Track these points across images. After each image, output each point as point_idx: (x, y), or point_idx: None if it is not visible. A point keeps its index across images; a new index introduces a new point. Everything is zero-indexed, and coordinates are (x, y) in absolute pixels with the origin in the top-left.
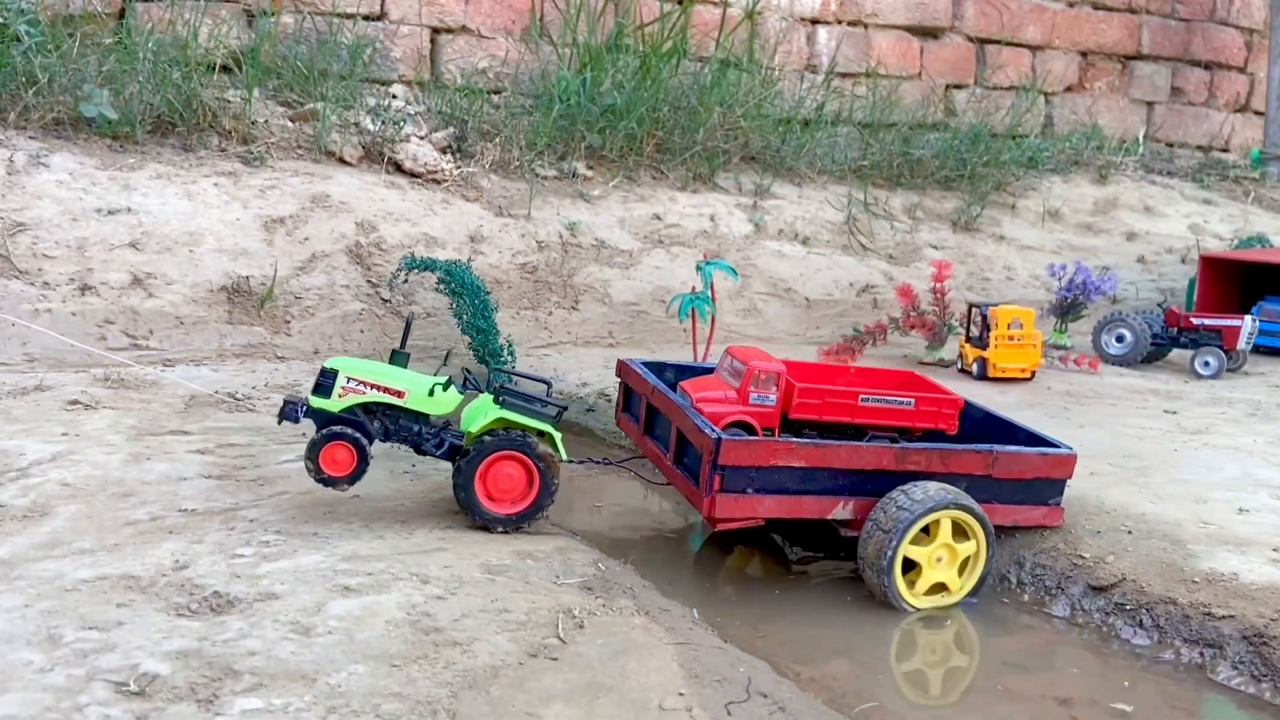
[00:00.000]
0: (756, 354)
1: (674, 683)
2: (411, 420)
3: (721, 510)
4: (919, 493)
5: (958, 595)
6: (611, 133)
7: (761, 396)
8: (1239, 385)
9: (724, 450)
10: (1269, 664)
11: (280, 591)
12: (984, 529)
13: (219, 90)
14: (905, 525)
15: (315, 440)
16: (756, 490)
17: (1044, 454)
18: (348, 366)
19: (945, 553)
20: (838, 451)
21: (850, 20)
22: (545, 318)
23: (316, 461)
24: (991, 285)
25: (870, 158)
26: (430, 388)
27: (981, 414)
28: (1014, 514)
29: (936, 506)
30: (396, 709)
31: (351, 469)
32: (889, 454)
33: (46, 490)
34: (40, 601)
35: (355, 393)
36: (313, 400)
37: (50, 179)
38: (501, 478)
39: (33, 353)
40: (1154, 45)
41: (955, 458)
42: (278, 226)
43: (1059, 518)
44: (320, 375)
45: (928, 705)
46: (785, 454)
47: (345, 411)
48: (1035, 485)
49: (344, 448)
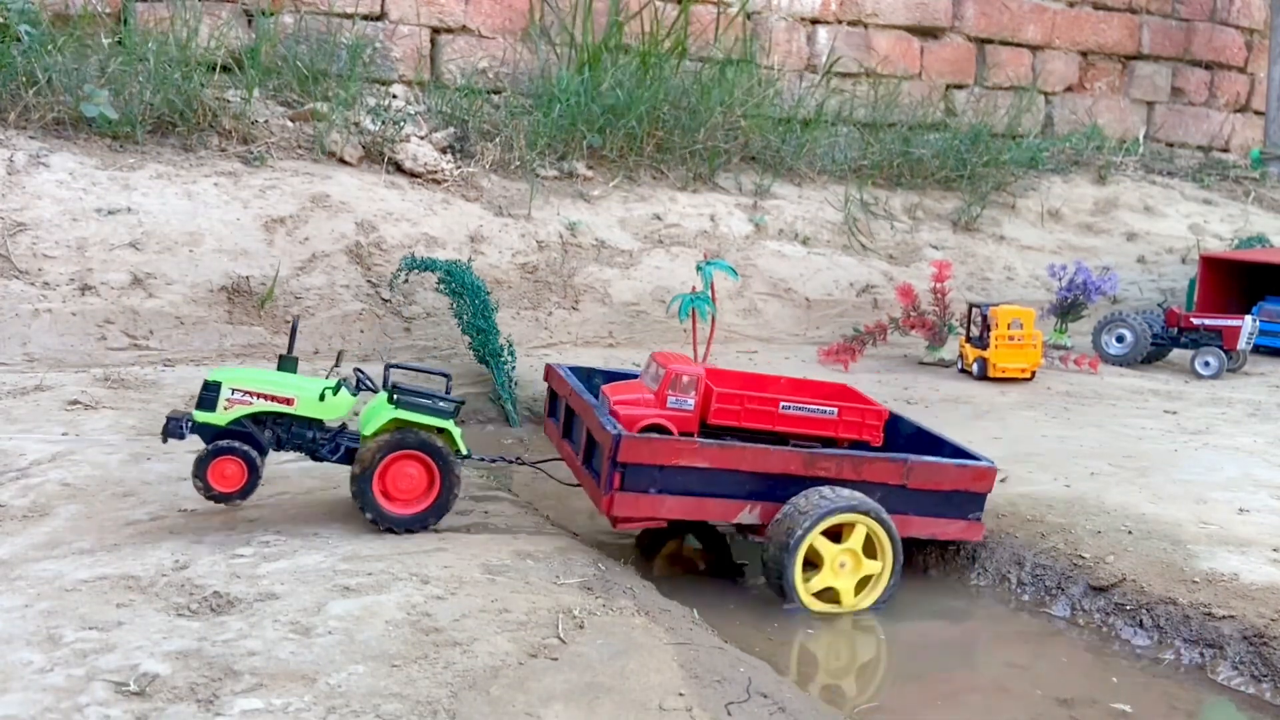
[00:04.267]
0: (679, 359)
1: (674, 683)
2: (305, 427)
3: (620, 509)
4: (829, 492)
5: (848, 606)
6: (611, 132)
7: (680, 400)
8: (1239, 385)
9: (624, 447)
10: (1269, 664)
11: (280, 591)
12: (892, 543)
13: (219, 90)
14: (821, 515)
15: (201, 456)
16: (659, 490)
17: (962, 466)
18: (231, 377)
19: (849, 559)
20: (744, 453)
21: (850, 20)
22: (545, 318)
23: (205, 479)
24: (991, 285)
25: (870, 158)
26: (320, 392)
27: (912, 429)
28: (931, 526)
29: (847, 508)
30: (396, 709)
31: (242, 484)
32: (797, 458)
33: (46, 490)
34: (40, 601)
35: (241, 404)
36: (197, 415)
37: (50, 179)
38: (401, 478)
39: (33, 353)
40: (1154, 45)
41: (868, 465)
42: (278, 226)
43: (979, 532)
44: (203, 388)
45: (928, 705)
46: (689, 454)
47: (233, 424)
48: (954, 498)
49: (233, 462)
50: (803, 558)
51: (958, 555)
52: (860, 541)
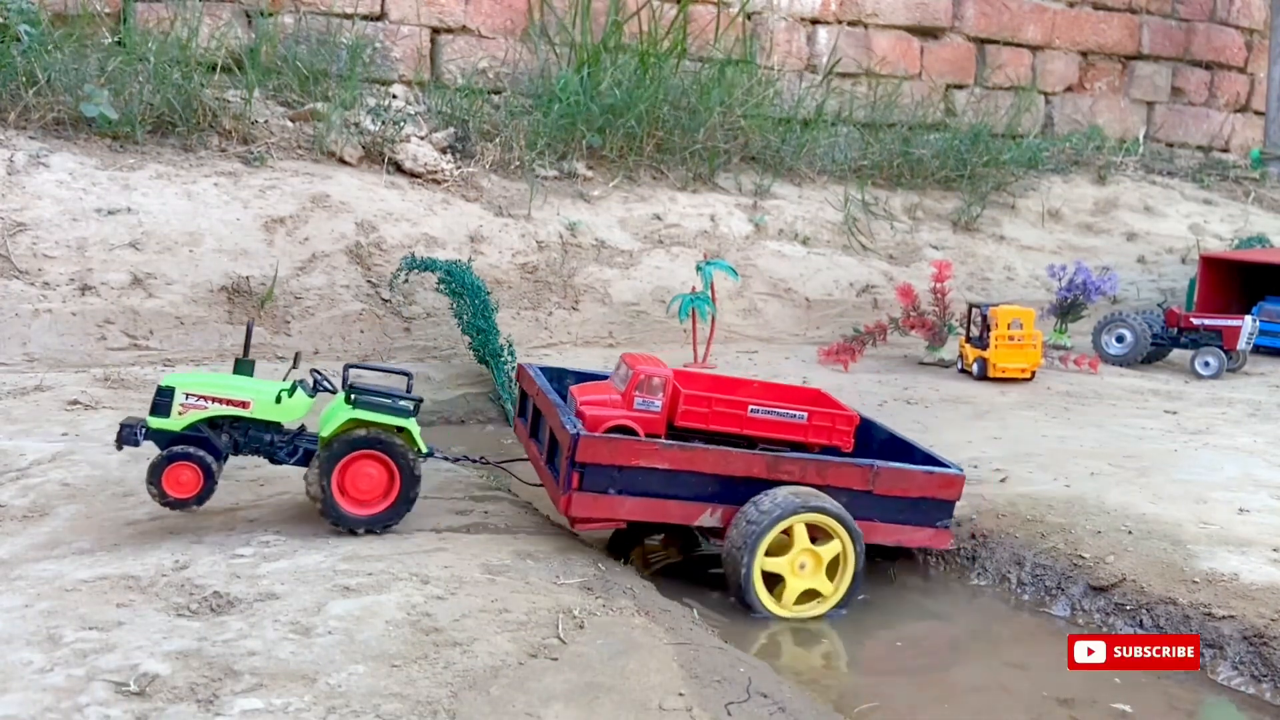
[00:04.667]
0: (647, 360)
1: (674, 683)
2: (262, 430)
3: (578, 509)
4: (767, 501)
5: (832, 600)
6: (611, 132)
7: (646, 402)
8: (1239, 385)
9: (582, 447)
10: (1269, 664)
11: (280, 591)
12: (850, 533)
13: (219, 90)
14: (780, 515)
15: (155, 462)
16: (619, 491)
17: (930, 472)
18: (185, 382)
19: (808, 559)
20: (705, 455)
21: (850, 20)
22: (545, 318)
23: (159, 485)
24: (992, 285)
25: (870, 158)
26: (277, 395)
27: (885, 435)
28: (898, 533)
29: (788, 512)
30: (396, 709)
31: (198, 490)
32: (760, 461)
33: (46, 490)
34: (40, 601)
35: (196, 409)
36: (151, 421)
37: (50, 179)
38: (360, 478)
39: (33, 353)
40: (1154, 45)
41: (833, 470)
42: (278, 226)
43: (947, 540)
44: (156, 394)
45: (928, 705)
46: (648, 454)
47: (188, 429)
48: (922, 505)
49: (188, 468)
50: (762, 557)
51: (958, 555)
52: (830, 556)
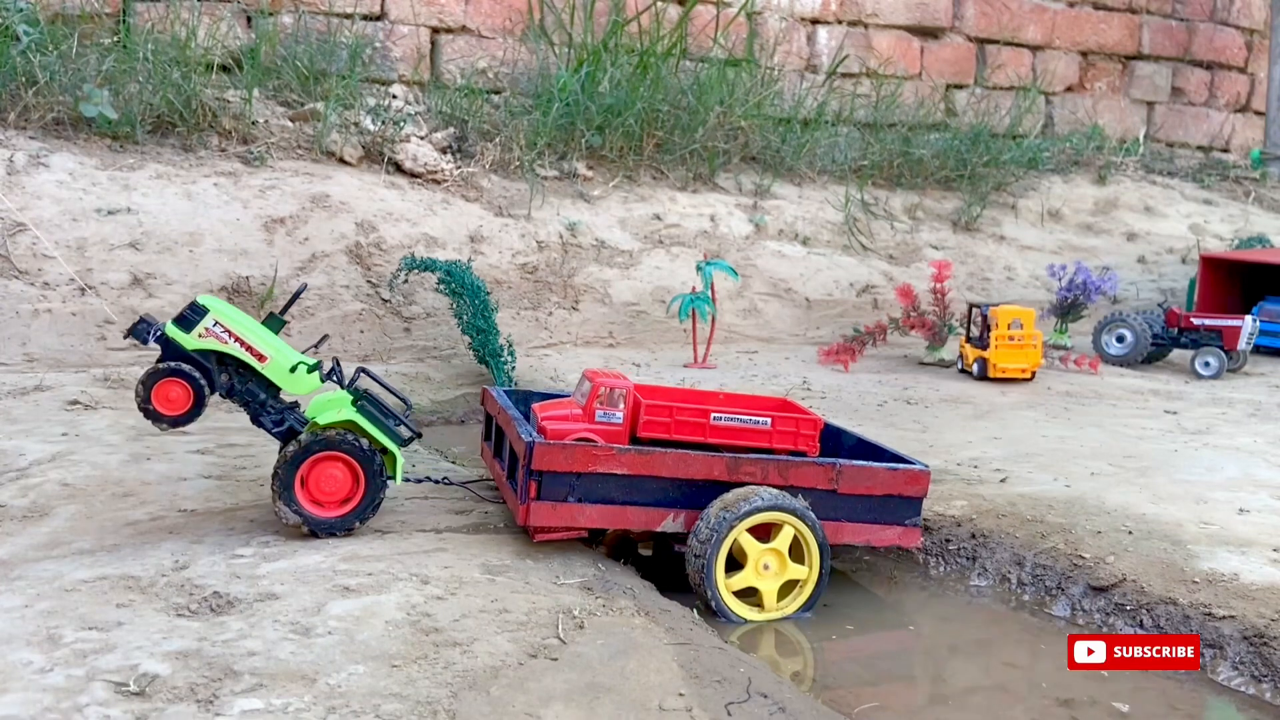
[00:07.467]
0: (609, 374)
1: (674, 683)
2: (261, 387)
3: (537, 518)
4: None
5: (770, 613)
6: (611, 132)
7: (608, 414)
8: (1239, 385)
9: (538, 454)
10: (1269, 664)
11: (280, 591)
12: (820, 546)
13: (219, 90)
14: (744, 513)
15: (153, 371)
16: (578, 499)
17: (893, 469)
18: (219, 310)
19: (774, 561)
20: (664, 459)
21: (850, 20)
22: (545, 318)
23: (149, 392)
24: (992, 285)
25: (870, 158)
26: (295, 364)
27: (854, 439)
28: (866, 533)
29: (770, 506)
30: (396, 709)
31: (185, 410)
32: (720, 463)
33: (46, 490)
34: (40, 601)
35: (216, 338)
36: (169, 329)
37: (50, 179)
38: (325, 478)
39: (33, 353)
40: (1154, 45)
41: (794, 470)
42: (278, 226)
43: (916, 538)
44: (188, 308)
45: (928, 705)
46: (606, 460)
47: (197, 352)
48: (888, 503)
49: (182, 387)
50: (725, 557)
51: (958, 555)
52: (786, 544)
